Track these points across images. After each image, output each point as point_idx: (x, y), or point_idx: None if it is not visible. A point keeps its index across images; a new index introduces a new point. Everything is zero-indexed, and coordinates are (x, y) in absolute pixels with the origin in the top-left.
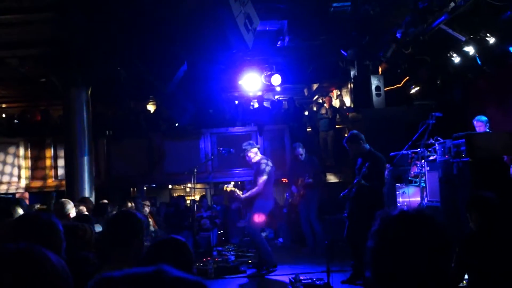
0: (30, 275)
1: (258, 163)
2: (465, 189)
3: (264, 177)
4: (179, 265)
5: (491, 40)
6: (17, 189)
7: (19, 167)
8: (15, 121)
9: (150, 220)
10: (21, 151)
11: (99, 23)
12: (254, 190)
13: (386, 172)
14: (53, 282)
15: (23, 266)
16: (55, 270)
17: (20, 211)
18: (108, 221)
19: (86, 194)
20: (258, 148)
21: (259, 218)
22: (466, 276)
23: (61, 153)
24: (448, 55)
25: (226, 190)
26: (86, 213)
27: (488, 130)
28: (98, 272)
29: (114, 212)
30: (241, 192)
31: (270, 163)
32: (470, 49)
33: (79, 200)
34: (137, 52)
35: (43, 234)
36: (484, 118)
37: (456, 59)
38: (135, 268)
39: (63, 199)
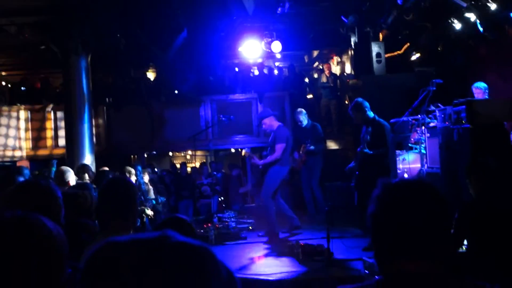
0: (26, 242)
1: (276, 130)
2: (465, 156)
3: (283, 144)
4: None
5: (493, 6)
6: (18, 157)
7: (20, 135)
8: (17, 88)
9: (150, 187)
10: (22, 119)
11: None
12: (272, 156)
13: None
14: (49, 248)
15: (20, 233)
16: (51, 237)
17: (22, 179)
18: (103, 188)
19: (87, 161)
20: (275, 115)
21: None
22: (465, 242)
23: (62, 121)
24: (449, 21)
25: (244, 155)
26: (87, 180)
27: (487, 97)
28: (98, 238)
29: (107, 180)
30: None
31: (287, 130)
32: (471, 16)
33: (78, 167)
34: (137, 19)
35: (42, 201)
36: (483, 84)
37: (457, 25)
38: (141, 233)
39: (63, 167)
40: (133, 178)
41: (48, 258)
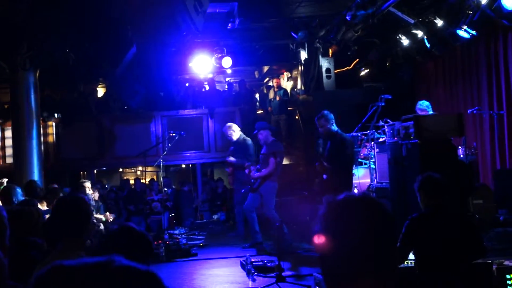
0: None
1: (270, 144)
2: (414, 171)
3: (276, 157)
4: (136, 254)
5: (439, 22)
6: None
7: None
8: None
9: (100, 204)
10: None
11: (46, 5)
12: (267, 169)
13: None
14: None
15: None
16: None
17: None
18: (56, 206)
19: (35, 177)
20: (271, 130)
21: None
22: (412, 256)
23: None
24: (397, 37)
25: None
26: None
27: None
28: (46, 258)
29: (60, 197)
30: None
31: (281, 145)
32: (418, 32)
33: (26, 184)
34: (86, 34)
35: None
36: (425, 102)
37: (405, 41)
38: (87, 258)
39: (9, 184)
40: (97, 194)
41: None
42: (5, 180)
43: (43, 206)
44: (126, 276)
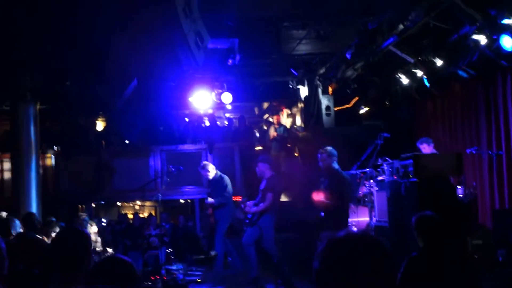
0: None
1: (268, 178)
2: (413, 209)
3: (273, 193)
4: (121, 284)
5: (439, 62)
6: None
7: None
8: None
9: (98, 238)
10: None
11: (49, 40)
12: (263, 204)
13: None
14: None
15: None
16: None
17: None
18: (58, 238)
19: (33, 210)
20: (271, 165)
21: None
22: None
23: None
24: (397, 76)
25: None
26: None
27: (434, 150)
28: None
29: (60, 230)
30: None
31: (278, 180)
32: (418, 71)
33: (24, 216)
34: (87, 68)
35: None
36: (429, 140)
37: (405, 80)
38: None
39: (7, 216)
40: (95, 228)
41: None
42: (4, 214)
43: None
44: None
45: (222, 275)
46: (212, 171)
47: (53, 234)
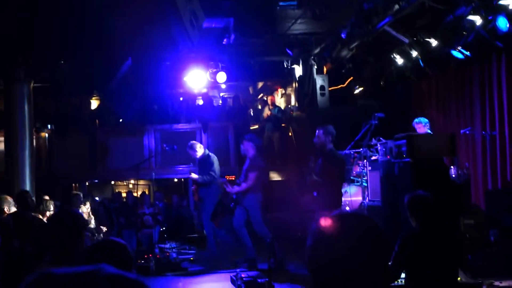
0: None
1: (251, 158)
2: (406, 189)
3: (256, 173)
4: (118, 267)
5: (434, 43)
6: None
7: None
8: None
9: (92, 217)
10: None
11: (42, 18)
12: (245, 184)
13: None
14: None
15: None
16: None
17: None
18: (52, 219)
19: (27, 188)
20: (257, 146)
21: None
22: (403, 275)
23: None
24: (392, 56)
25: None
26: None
27: (428, 131)
28: (35, 266)
29: (56, 211)
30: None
31: (261, 160)
32: (413, 51)
33: (18, 194)
34: (81, 47)
35: None
36: (424, 119)
37: (400, 60)
38: (77, 267)
39: (1, 195)
40: (88, 206)
41: None
42: None
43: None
44: (115, 284)
45: (215, 254)
46: (199, 150)
47: (48, 213)
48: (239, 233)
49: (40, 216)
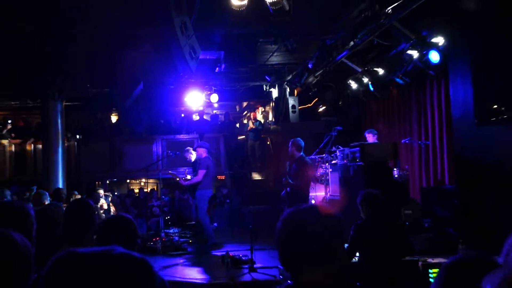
0: None
1: (202, 158)
2: (359, 187)
3: (203, 170)
4: (125, 234)
5: (381, 71)
6: (3, 180)
7: (5, 163)
8: (2, 126)
9: (112, 208)
10: (7, 150)
11: (73, 51)
12: (195, 178)
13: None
14: (14, 257)
15: None
16: (18, 247)
17: (8, 195)
18: (67, 208)
19: (60, 185)
20: (208, 150)
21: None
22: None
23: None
24: (348, 82)
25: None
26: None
27: (376, 140)
28: (62, 248)
29: (71, 201)
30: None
31: (210, 162)
32: (364, 78)
33: (53, 191)
34: (103, 74)
35: (16, 218)
36: (373, 131)
37: (354, 85)
38: (95, 247)
39: (40, 190)
40: (109, 199)
41: (13, 265)
42: (35, 188)
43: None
44: (124, 261)
45: (213, 240)
46: (193, 154)
47: None
48: (203, 221)
49: None
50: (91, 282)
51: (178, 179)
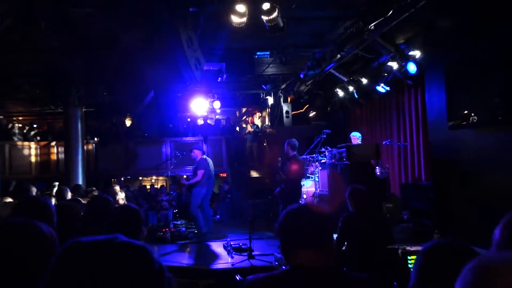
0: (23, 239)
1: (198, 160)
2: (345, 183)
3: (202, 171)
4: (132, 221)
5: (364, 81)
6: (29, 178)
7: (31, 163)
8: (28, 129)
9: (126, 202)
10: (33, 151)
11: (92, 63)
12: (194, 178)
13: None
14: (42, 245)
15: (18, 234)
16: (43, 236)
17: (34, 191)
18: (88, 203)
19: (80, 182)
20: (203, 151)
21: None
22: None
23: (62, 153)
24: (335, 90)
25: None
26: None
27: (360, 142)
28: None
29: (90, 197)
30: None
31: (206, 162)
32: (350, 87)
33: (73, 187)
34: (118, 83)
35: (39, 210)
36: (358, 133)
37: (341, 93)
38: (100, 236)
39: (62, 186)
40: (123, 194)
41: (41, 250)
42: (57, 184)
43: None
44: (126, 248)
45: (211, 228)
46: (198, 155)
47: None
48: (195, 213)
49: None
50: (95, 269)
51: (180, 179)
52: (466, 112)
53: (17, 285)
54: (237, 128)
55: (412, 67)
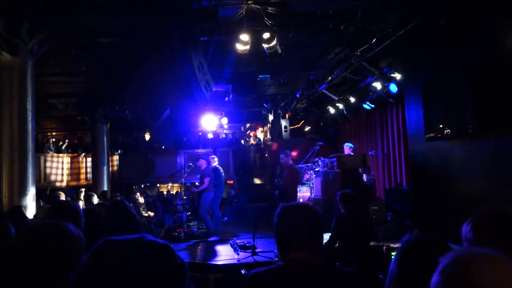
0: (56, 239)
1: (204, 169)
2: (336, 188)
3: (209, 178)
4: (124, 222)
5: (352, 99)
6: (61, 185)
7: (63, 173)
8: (61, 143)
9: (145, 206)
10: (65, 162)
11: (116, 85)
12: (202, 186)
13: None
14: (71, 243)
15: (52, 233)
16: (73, 236)
17: (63, 197)
18: (108, 208)
19: (105, 189)
20: (208, 162)
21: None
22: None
23: (90, 163)
24: (327, 108)
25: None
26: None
27: (351, 152)
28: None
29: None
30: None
31: (210, 170)
32: (340, 105)
33: (100, 193)
34: (139, 102)
35: (69, 213)
36: (350, 144)
37: (332, 110)
38: (128, 235)
39: (90, 192)
40: (143, 199)
41: (70, 249)
42: (83, 190)
43: None
44: (153, 246)
45: (219, 229)
46: (203, 164)
47: None
48: (203, 215)
49: None
50: (127, 264)
51: (191, 187)
52: (441, 126)
53: (48, 277)
54: (242, 141)
55: (393, 87)
